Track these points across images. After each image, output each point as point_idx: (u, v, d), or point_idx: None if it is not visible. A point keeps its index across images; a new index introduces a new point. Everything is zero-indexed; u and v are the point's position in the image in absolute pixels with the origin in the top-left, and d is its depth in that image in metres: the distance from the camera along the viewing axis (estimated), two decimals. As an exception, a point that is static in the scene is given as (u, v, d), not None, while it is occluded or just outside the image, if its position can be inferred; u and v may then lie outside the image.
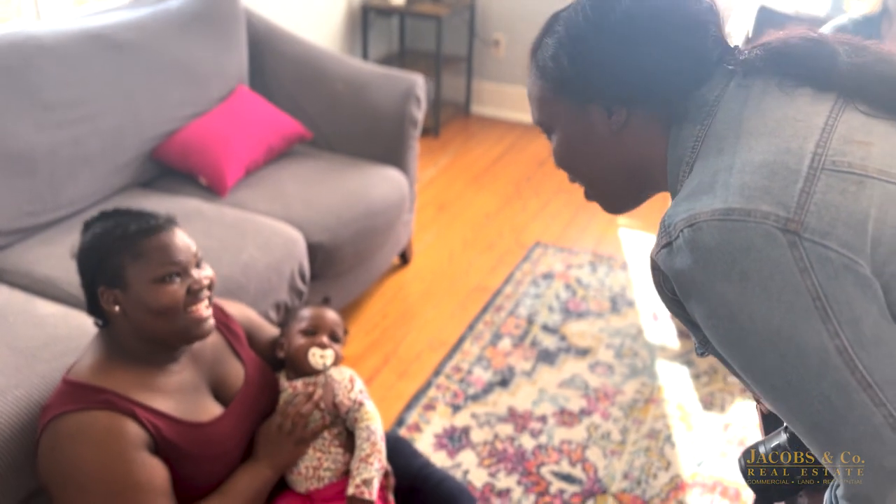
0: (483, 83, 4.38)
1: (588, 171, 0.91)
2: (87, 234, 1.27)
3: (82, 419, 1.18)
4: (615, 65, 0.83)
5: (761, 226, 0.69)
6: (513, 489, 1.88)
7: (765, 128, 0.76)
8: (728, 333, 0.73)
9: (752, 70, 0.81)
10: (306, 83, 2.59)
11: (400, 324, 2.52)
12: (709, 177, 0.75)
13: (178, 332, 1.25)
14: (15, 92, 1.88)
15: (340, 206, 2.23)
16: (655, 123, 0.84)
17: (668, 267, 0.76)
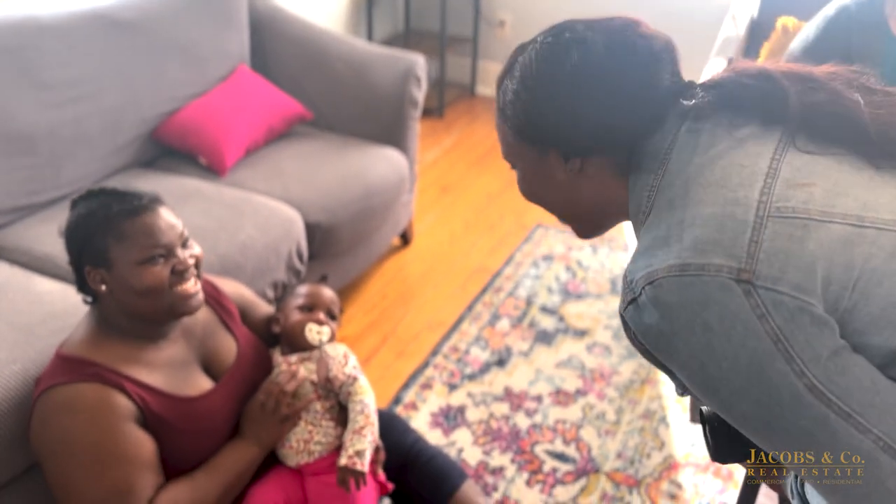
0: (488, 64, 4.36)
1: (550, 206, 0.95)
2: (74, 212, 1.28)
3: (72, 391, 1.21)
4: (565, 118, 0.84)
5: (716, 279, 0.72)
6: (506, 467, 1.90)
7: (713, 177, 0.77)
8: (701, 383, 0.75)
9: (703, 113, 0.83)
10: (307, 63, 2.60)
11: (399, 304, 2.54)
12: (663, 231, 0.78)
13: (164, 309, 1.27)
14: (14, 71, 1.90)
15: (339, 187, 2.24)
16: (610, 170, 0.87)
17: (636, 323, 0.78)
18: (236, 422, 1.38)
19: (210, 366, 1.40)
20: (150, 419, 1.24)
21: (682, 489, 1.85)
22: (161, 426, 1.25)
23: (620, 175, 0.87)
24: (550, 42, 0.86)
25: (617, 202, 0.89)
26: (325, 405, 1.45)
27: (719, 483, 1.87)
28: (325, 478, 1.42)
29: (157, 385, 1.27)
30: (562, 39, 0.85)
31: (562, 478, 1.87)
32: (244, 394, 1.40)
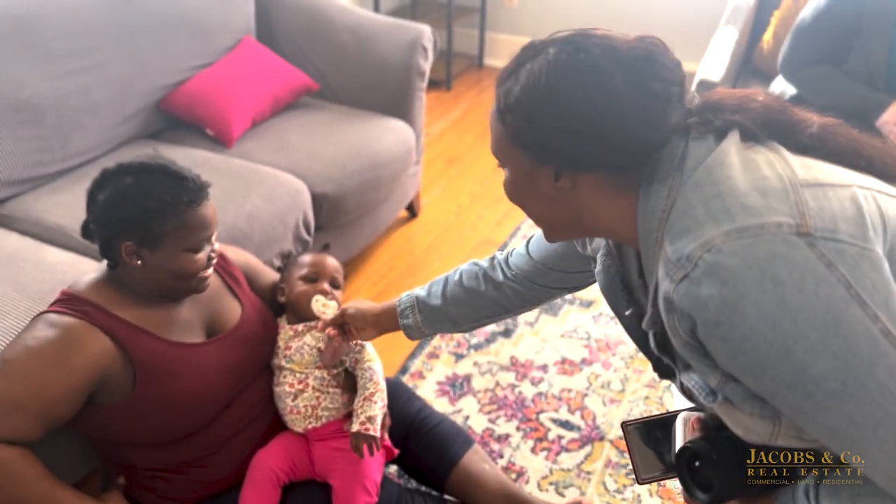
0: (496, 35, 4.33)
1: (531, 213, 0.93)
2: (126, 184, 1.24)
3: (59, 318, 1.23)
4: (566, 138, 0.82)
5: (777, 235, 0.72)
6: (512, 435, 1.92)
7: (734, 164, 0.79)
8: (771, 348, 0.73)
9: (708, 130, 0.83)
10: (313, 34, 2.59)
11: (406, 275, 2.55)
12: (700, 210, 0.77)
13: (185, 288, 1.32)
14: (21, 41, 1.90)
15: (345, 158, 2.24)
16: (605, 187, 0.85)
17: (691, 299, 0.75)
18: (233, 377, 1.37)
19: (213, 327, 1.41)
20: (137, 361, 1.24)
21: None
22: (151, 367, 1.26)
23: (619, 191, 0.85)
24: (564, 60, 0.82)
25: (609, 218, 0.87)
26: (332, 372, 1.47)
27: (723, 450, 1.88)
28: (332, 443, 1.44)
29: (150, 329, 1.28)
30: (576, 60, 0.81)
31: (567, 445, 1.90)
32: (243, 352, 1.40)
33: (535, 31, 4.20)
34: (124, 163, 1.26)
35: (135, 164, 1.26)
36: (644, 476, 1.02)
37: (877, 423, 0.72)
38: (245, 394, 1.41)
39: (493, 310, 1.35)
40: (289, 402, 1.45)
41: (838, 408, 0.73)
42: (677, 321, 0.79)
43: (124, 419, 1.27)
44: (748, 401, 0.81)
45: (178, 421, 1.31)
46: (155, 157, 1.28)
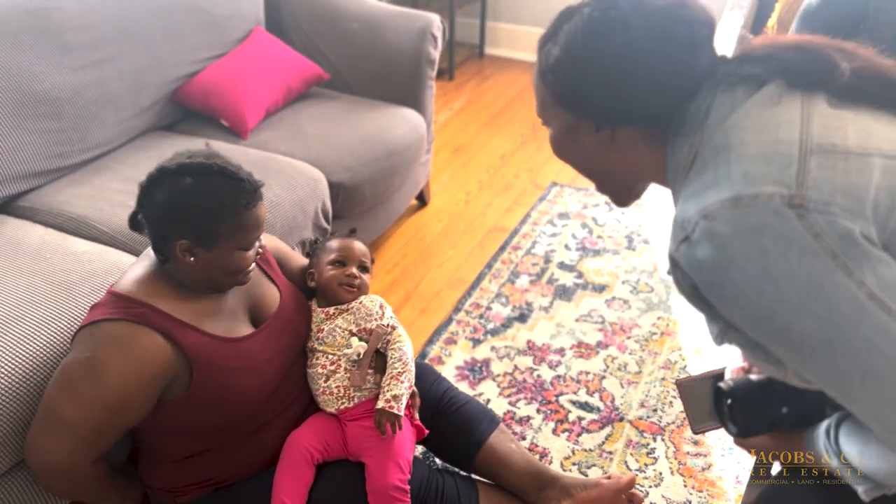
0: (497, 24, 4.34)
1: (579, 167, 0.99)
2: (186, 185, 1.24)
3: (119, 327, 1.24)
4: (603, 92, 0.88)
5: (769, 206, 0.76)
6: (533, 417, 1.95)
7: (752, 127, 0.82)
8: (758, 310, 0.78)
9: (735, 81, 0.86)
10: (322, 23, 2.59)
11: (419, 263, 2.57)
12: (710, 175, 0.81)
13: (233, 283, 1.35)
14: (37, 33, 1.90)
15: (360, 146, 2.26)
16: (642, 140, 0.91)
17: (689, 259, 0.81)
18: (280, 363, 1.41)
19: (255, 313, 1.44)
20: (194, 359, 1.27)
21: (705, 436, 1.90)
22: (207, 366, 1.29)
23: (653, 143, 0.91)
24: (596, 17, 0.88)
25: (647, 168, 0.93)
26: (364, 353, 1.49)
27: (740, 429, 1.92)
28: (365, 422, 1.46)
29: (203, 327, 1.31)
30: (607, 17, 0.87)
31: (587, 426, 1.92)
32: (286, 338, 1.44)
33: (535, 19, 4.22)
34: (184, 162, 1.25)
35: (194, 165, 1.25)
36: (697, 426, 1.11)
37: (864, 375, 0.76)
38: (287, 377, 1.43)
39: None
40: (321, 384, 1.47)
41: (825, 361, 0.78)
42: (681, 276, 0.85)
43: (179, 413, 1.30)
44: (749, 348, 0.86)
45: (231, 411, 1.34)
46: (212, 156, 1.28)
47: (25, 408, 1.35)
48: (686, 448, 1.87)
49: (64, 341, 1.43)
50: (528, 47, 4.31)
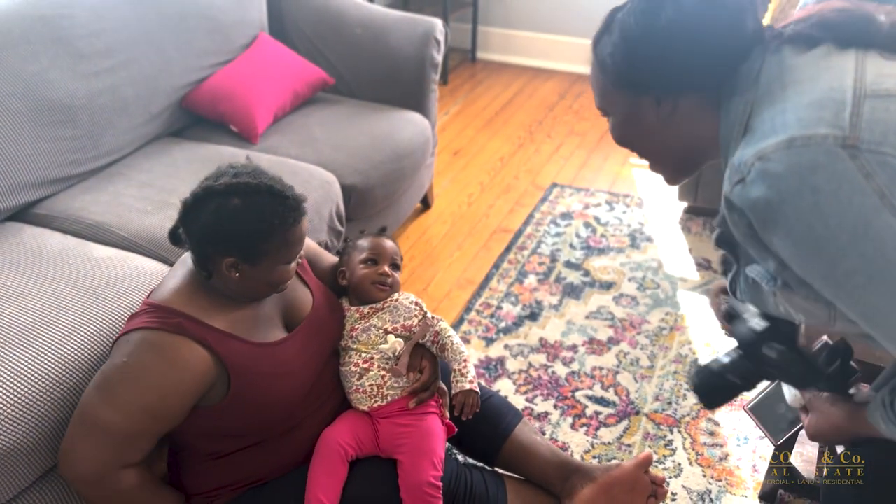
0: (488, 29, 4.38)
1: (642, 149, 1.04)
2: (234, 205, 1.24)
3: (157, 336, 1.25)
4: (663, 62, 0.94)
5: (822, 146, 0.79)
6: (551, 413, 1.97)
7: (805, 77, 0.86)
8: (808, 247, 0.82)
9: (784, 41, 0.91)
10: (325, 29, 2.61)
11: (427, 265, 2.59)
12: (767, 124, 0.85)
13: (272, 293, 1.37)
14: (50, 40, 1.90)
15: (369, 149, 2.28)
16: (701, 106, 0.96)
17: (743, 199, 0.85)
18: (315, 365, 1.42)
19: (289, 316, 1.45)
20: (231, 366, 1.29)
21: (720, 426, 1.94)
22: (244, 372, 1.30)
23: (709, 108, 0.96)
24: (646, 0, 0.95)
25: (706, 136, 0.98)
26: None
27: (754, 419, 1.96)
28: (397, 420, 1.48)
29: (239, 334, 1.32)
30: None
31: (605, 420, 1.95)
32: (320, 340, 1.45)
33: (527, 23, 4.27)
34: (231, 182, 1.25)
35: (241, 185, 1.25)
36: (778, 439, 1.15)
37: None
38: (321, 377, 1.45)
39: None
40: (354, 382, 1.48)
41: (866, 298, 0.82)
42: (737, 217, 0.88)
43: (216, 418, 1.31)
44: (803, 286, 0.90)
45: (267, 415, 1.35)
46: (257, 174, 1.28)
47: (58, 412, 1.36)
48: (703, 439, 1.90)
49: (94, 345, 1.44)
50: (521, 51, 4.35)
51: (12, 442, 1.29)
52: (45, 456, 1.36)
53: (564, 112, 3.78)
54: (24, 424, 1.31)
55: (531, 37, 4.31)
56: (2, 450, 1.27)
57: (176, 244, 1.35)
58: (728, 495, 1.75)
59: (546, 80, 4.16)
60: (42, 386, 1.35)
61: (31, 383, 1.34)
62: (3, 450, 1.28)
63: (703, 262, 2.60)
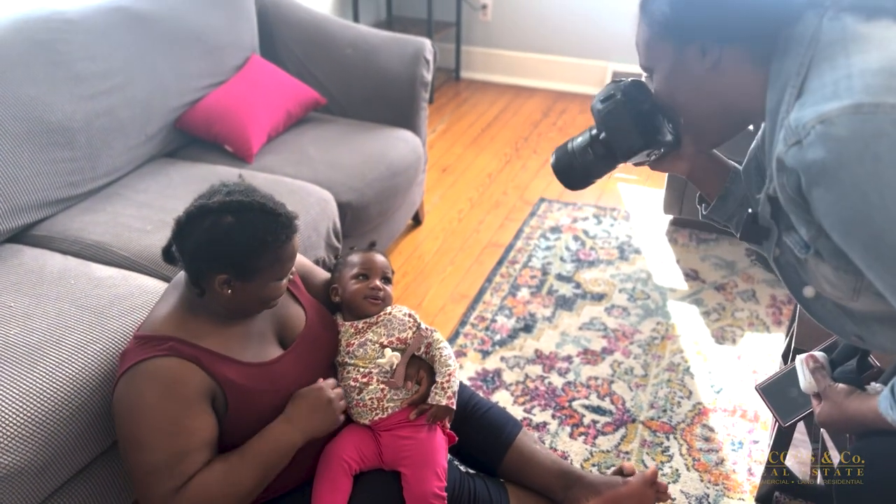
0: (471, 48, 4.45)
1: (685, 102, 1.04)
2: (227, 223, 1.26)
3: (152, 365, 1.27)
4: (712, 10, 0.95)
5: (890, 115, 0.80)
6: (549, 423, 2.00)
7: (870, 44, 0.87)
8: (856, 213, 0.83)
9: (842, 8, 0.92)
10: (315, 50, 2.65)
11: (420, 280, 2.62)
12: (829, 87, 0.86)
13: (264, 309, 1.39)
14: (48, 64, 1.92)
15: (364, 167, 2.31)
16: (746, 61, 0.97)
17: (798, 160, 0.86)
18: (310, 381, 1.43)
19: (282, 333, 1.47)
20: (226, 386, 1.30)
21: (715, 432, 1.98)
22: (240, 392, 1.32)
23: (757, 64, 0.96)
24: None
25: (750, 93, 0.98)
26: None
27: (748, 424, 2.00)
28: (399, 432, 1.50)
29: (232, 355, 1.34)
30: None
31: (602, 429, 1.98)
32: (315, 356, 1.47)
33: (509, 43, 4.34)
34: (224, 200, 1.27)
35: (234, 203, 1.26)
36: (786, 419, 1.17)
37: None
38: None
39: None
40: (354, 396, 1.50)
41: None
42: (786, 179, 0.89)
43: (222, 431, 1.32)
44: (836, 256, 0.92)
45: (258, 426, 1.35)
46: (250, 192, 1.31)
47: (66, 430, 1.37)
48: (698, 444, 1.94)
49: (101, 364, 1.45)
50: (504, 70, 4.42)
51: (22, 461, 1.29)
52: (54, 475, 1.37)
53: (549, 129, 3.85)
54: (33, 444, 1.31)
55: (513, 56, 4.38)
56: (12, 469, 1.28)
57: (169, 262, 1.37)
58: (726, 499, 1.78)
59: (529, 98, 4.23)
60: (50, 405, 1.35)
61: (40, 402, 1.35)
62: (13, 469, 1.28)
63: (691, 272, 2.65)
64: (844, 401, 1.10)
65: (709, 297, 2.51)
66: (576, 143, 1.14)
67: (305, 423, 1.36)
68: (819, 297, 1.03)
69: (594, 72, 4.26)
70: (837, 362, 1.19)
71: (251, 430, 1.34)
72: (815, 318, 1.07)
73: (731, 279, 2.61)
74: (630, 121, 1.06)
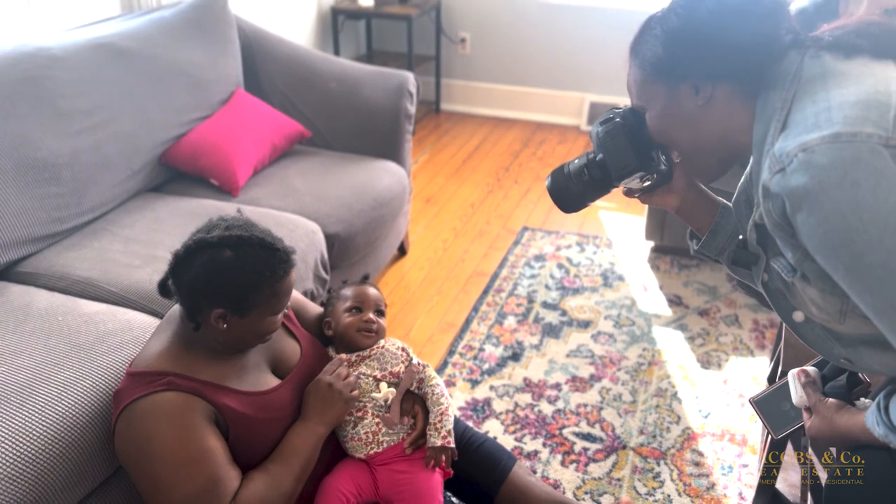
0: (451, 81, 4.51)
1: (678, 137, 1.08)
2: (226, 258, 1.26)
3: (150, 401, 1.26)
4: (702, 48, 1.00)
5: (867, 143, 0.85)
6: (540, 451, 2.00)
7: (848, 80, 0.93)
8: (837, 236, 0.87)
9: (822, 47, 0.98)
10: (299, 84, 2.68)
11: (407, 310, 2.62)
12: (810, 119, 0.91)
13: (259, 343, 1.38)
14: (34, 101, 1.92)
15: (350, 198, 2.32)
16: (736, 96, 1.01)
17: (782, 186, 0.90)
18: None
19: (277, 366, 1.47)
20: (228, 415, 1.30)
21: (704, 457, 1.99)
22: (240, 419, 1.31)
23: (746, 99, 1.01)
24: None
25: (740, 127, 1.02)
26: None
27: (736, 448, 2.01)
28: (395, 466, 1.50)
29: (231, 385, 1.33)
30: None
31: (593, 456, 1.99)
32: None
33: (488, 75, 4.41)
34: (223, 235, 1.27)
35: (233, 237, 1.27)
36: (778, 434, 1.18)
37: None
38: None
39: None
40: (349, 430, 1.49)
41: (883, 292, 0.86)
42: (771, 204, 0.93)
43: None
44: (821, 279, 0.95)
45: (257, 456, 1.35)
46: (248, 227, 1.31)
47: (58, 468, 1.34)
48: (689, 469, 1.95)
49: (92, 400, 1.43)
50: (483, 102, 4.48)
51: (13, 500, 1.27)
52: (45, 514, 1.34)
53: (529, 159, 3.90)
54: (24, 482, 1.29)
55: (492, 88, 4.45)
56: (2, 510, 1.26)
57: (165, 296, 1.36)
58: (718, 523, 1.79)
59: (508, 129, 4.29)
60: (41, 443, 1.33)
61: (30, 441, 1.33)
62: (3, 510, 1.26)
63: (674, 298, 2.68)
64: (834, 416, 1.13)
65: (693, 323, 2.54)
66: (572, 166, 1.17)
67: (321, 414, 1.41)
68: (808, 322, 1.06)
69: (571, 103, 4.33)
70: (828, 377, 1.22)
71: (252, 461, 1.34)
72: (804, 342, 1.09)
73: (714, 304, 2.64)
74: (626, 142, 1.10)
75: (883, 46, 0.96)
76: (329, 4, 4.05)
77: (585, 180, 1.15)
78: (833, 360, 1.08)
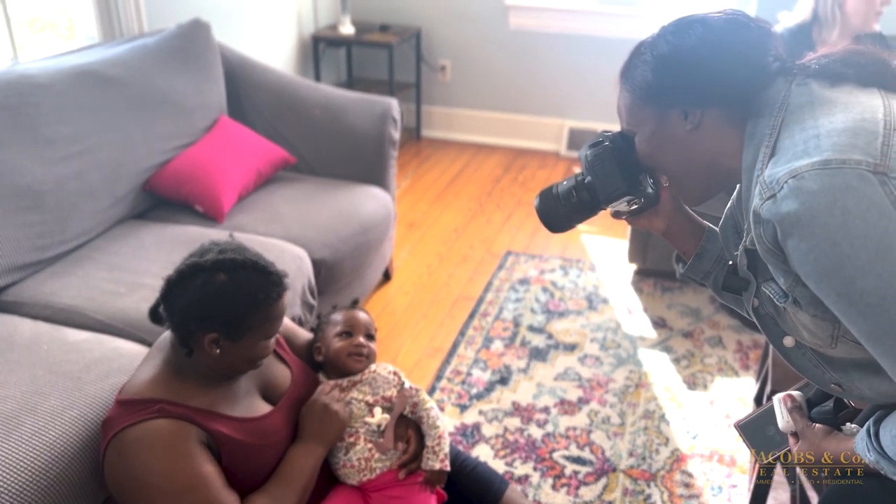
0: (431, 108, 4.54)
1: (667, 162, 1.09)
2: (220, 281, 1.26)
3: (142, 429, 1.24)
4: (691, 74, 1.01)
5: (855, 170, 0.86)
6: (531, 475, 1.99)
7: (835, 107, 0.95)
8: (828, 262, 0.88)
9: (809, 74, 1.00)
10: (283, 110, 2.68)
11: (394, 335, 2.61)
12: (799, 146, 0.92)
13: (251, 369, 1.37)
14: (17, 129, 1.91)
15: (336, 224, 2.32)
16: (725, 123, 1.03)
17: (773, 213, 0.91)
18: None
19: (267, 392, 1.45)
20: (220, 441, 1.29)
21: (694, 478, 1.99)
22: (232, 445, 1.30)
23: (735, 126, 1.03)
24: (674, 23, 1.04)
25: (729, 152, 1.04)
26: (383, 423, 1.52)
27: (725, 469, 2.02)
28: (389, 492, 1.48)
29: (222, 411, 1.32)
30: (684, 22, 1.03)
31: (584, 479, 1.98)
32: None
33: (468, 101, 4.46)
34: (218, 259, 1.27)
35: (227, 261, 1.26)
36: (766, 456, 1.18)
37: None
38: None
39: None
40: (341, 457, 1.48)
41: (875, 318, 0.87)
42: (762, 230, 0.94)
43: None
44: (813, 304, 0.96)
45: (249, 481, 1.34)
46: (241, 251, 1.31)
47: (45, 502, 1.31)
48: (679, 491, 1.95)
49: (79, 430, 1.41)
50: (463, 128, 4.52)
51: (-2, 536, 1.24)
52: (30, 548, 1.31)
53: (510, 184, 3.93)
54: (10, 516, 1.26)
55: (472, 114, 4.49)
56: (-14, 545, 1.22)
57: (156, 322, 1.35)
58: (710, 544, 1.79)
59: (489, 155, 4.32)
60: (28, 475, 1.30)
61: (17, 473, 1.30)
62: (-11, 545, 1.22)
63: (658, 320, 2.70)
64: (821, 441, 1.13)
65: (678, 345, 2.56)
66: (561, 188, 1.18)
67: (319, 435, 1.42)
68: (799, 347, 1.07)
69: (551, 129, 4.38)
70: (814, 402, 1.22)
71: (244, 487, 1.32)
72: (794, 368, 1.10)
73: (698, 326, 2.67)
74: (615, 165, 1.11)
75: (868, 75, 0.99)
76: (310, 32, 4.08)
77: (573, 202, 1.16)
78: (823, 385, 1.09)
